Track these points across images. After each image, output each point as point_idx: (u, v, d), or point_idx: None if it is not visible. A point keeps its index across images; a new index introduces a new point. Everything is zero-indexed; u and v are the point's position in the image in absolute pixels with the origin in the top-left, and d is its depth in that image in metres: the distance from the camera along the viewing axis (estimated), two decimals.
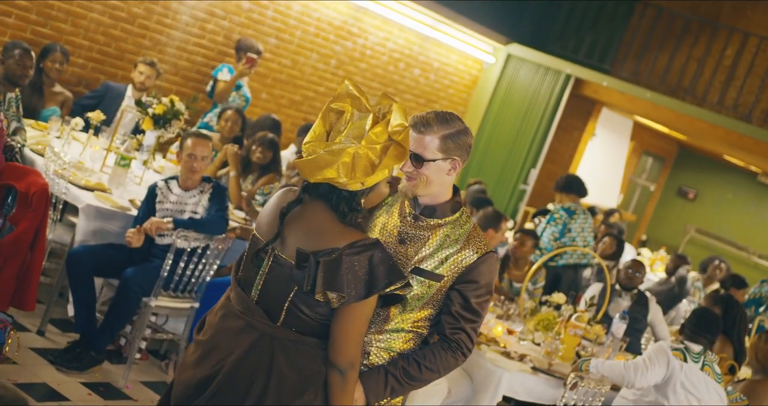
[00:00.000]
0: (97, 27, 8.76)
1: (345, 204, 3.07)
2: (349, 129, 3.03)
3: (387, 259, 3.04)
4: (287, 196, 3.17)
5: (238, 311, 3.12)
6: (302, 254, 2.99)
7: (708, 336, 6.00)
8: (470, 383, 5.86)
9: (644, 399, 5.95)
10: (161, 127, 6.97)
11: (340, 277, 2.96)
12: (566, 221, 9.06)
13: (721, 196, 17.89)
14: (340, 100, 3.07)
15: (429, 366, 3.21)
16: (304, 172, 3.04)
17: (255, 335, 3.07)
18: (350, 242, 2.99)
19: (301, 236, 3.04)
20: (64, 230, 6.22)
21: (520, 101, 12.93)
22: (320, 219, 3.06)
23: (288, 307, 3.05)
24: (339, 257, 2.96)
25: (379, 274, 3.00)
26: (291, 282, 3.03)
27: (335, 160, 2.99)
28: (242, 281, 3.17)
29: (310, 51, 10.85)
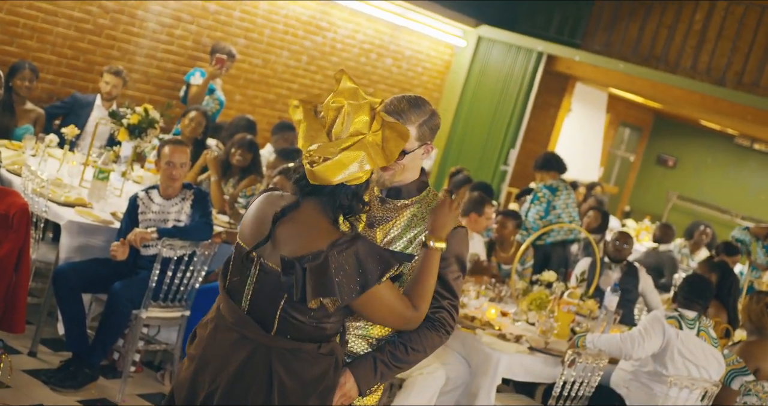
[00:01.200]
0: (63, 41, 8.71)
1: (354, 199, 3.02)
2: (349, 123, 2.97)
3: (373, 249, 2.98)
4: (277, 201, 3.07)
5: (229, 323, 3.05)
6: (287, 262, 2.92)
7: (701, 302, 6.03)
8: (468, 369, 5.86)
9: (643, 370, 5.97)
10: (137, 137, 6.92)
11: (330, 280, 2.90)
12: (550, 199, 9.07)
13: (700, 162, 17.96)
14: (339, 96, 3.01)
15: (415, 347, 3.19)
16: (327, 175, 2.93)
17: (250, 346, 3.00)
18: (332, 242, 2.93)
19: (289, 240, 2.97)
20: (48, 249, 6.19)
21: (495, 83, 12.92)
22: (312, 221, 2.99)
23: (280, 315, 2.98)
24: (325, 259, 2.90)
25: (369, 266, 2.95)
26: (280, 290, 2.96)
27: (358, 156, 2.93)
28: (231, 291, 3.10)
29: (281, 49, 10.82)
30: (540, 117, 13.72)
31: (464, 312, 6.30)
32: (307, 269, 2.91)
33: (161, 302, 5.68)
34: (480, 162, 12.80)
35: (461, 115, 13.08)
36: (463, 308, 6.43)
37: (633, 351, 5.80)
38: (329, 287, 2.91)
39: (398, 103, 3.22)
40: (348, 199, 3.01)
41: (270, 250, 2.99)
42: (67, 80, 8.83)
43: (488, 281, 6.93)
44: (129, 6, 9.12)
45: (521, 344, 5.95)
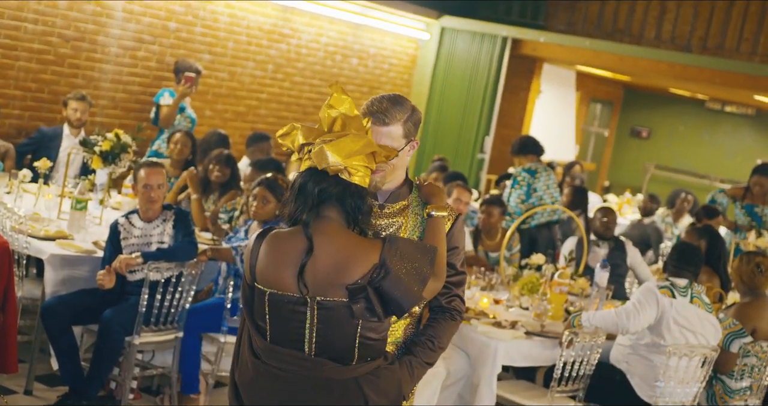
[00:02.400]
0: (26, 75, 8.66)
1: (361, 202, 3.01)
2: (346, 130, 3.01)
3: (410, 243, 3.02)
4: (287, 237, 3.01)
5: (295, 372, 2.97)
6: (357, 289, 2.91)
7: (691, 269, 6.04)
8: (467, 360, 5.85)
9: (641, 343, 5.99)
10: (111, 163, 6.89)
11: (405, 287, 2.92)
12: (530, 182, 9.08)
13: (673, 130, 18.02)
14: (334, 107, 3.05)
15: (441, 340, 3.25)
16: (337, 151, 2.94)
17: (337, 386, 2.97)
18: (381, 251, 2.94)
19: (333, 271, 2.94)
20: (33, 285, 6.15)
21: (462, 72, 12.92)
22: (346, 241, 2.97)
23: (359, 342, 2.96)
24: (387, 270, 2.91)
25: (419, 260, 2.98)
26: (352, 319, 2.93)
27: (362, 140, 2.96)
28: (279, 341, 3.00)
29: (246, 60, 10.79)
30: (511, 101, 13.73)
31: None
32: (379, 287, 2.91)
33: (153, 326, 5.65)
34: (456, 152, 12.80)
35: (433, 108, 13.08)
36: None
37: (629, 325, 5.82)
38: (409, 293, 2.93)
39: (379, 103, 3.23)
40: (356, 201, 3.01)
41: (319, 285, 2.95)
42: (34, 113, 8.79)
43: (477, 271, 6.93)
44: (89, 33, 9.08)
45: (517, 329, 5.96)
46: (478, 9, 13.56)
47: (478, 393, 5.70)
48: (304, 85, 11.56)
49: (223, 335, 5.90)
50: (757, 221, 9.53)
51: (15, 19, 8.48)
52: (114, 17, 9.27)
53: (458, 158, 12.73)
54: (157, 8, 9.64)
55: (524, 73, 13.84)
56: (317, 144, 2.98)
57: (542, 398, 5.83)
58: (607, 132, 17.66)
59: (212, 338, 6.00)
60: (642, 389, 5.92)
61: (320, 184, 2.98)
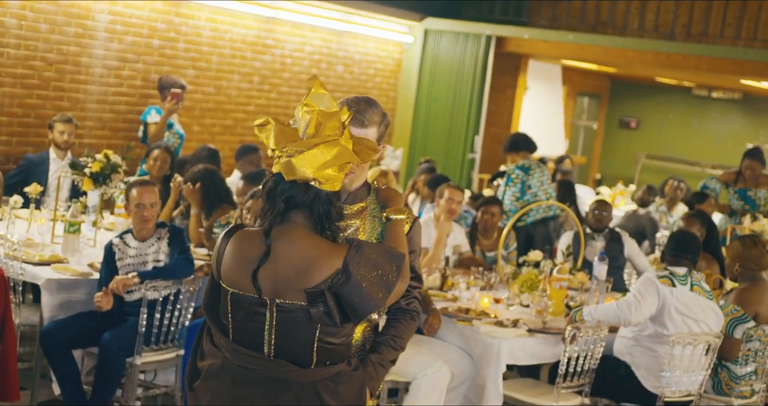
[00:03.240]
0: (11, 100, 8.63)
1: (330, 207, 3.00)
2: (322, 129, 2.96)
3: (378, 248, 3.01)
4: (252, 237, 3.00)
5: (254, 373, 2.97)
6: (314, 293, 2.90)
7: (689, 256, 6.03)
8: (471, 361, 5.84)
9: (644, 334, 5.98)
10: (102, 184, 6.86)
11: (365, 294, 2.91)
12: (524, 179, 9.07)
13: (662, 119, 18.04)
14: (311, 102, 3.02)
15: (403, 342, 3.27)
16: (304, 166, 2.91)
17: (294, 388, 2.96)
18: (345, 257, 2.93)
19: (294, 275, 2.93)
20: (30, 311, 6.11)
21: (448, 73, 12.91)
22: (305, 248, 2.95)
23: (318, 347, 2.96)
24: (349, 276, 2.90)
25: (385, 266, 2.97)
26: (311, 323, 2.92)
27: (333, 150, 2.92)
28: (242, 340, 3.01)
29: (231, 73, 10.77)
30: (498, 100, 13.73)
31: (457, 305, 6.28)
32: (338, 292, 2.90)
33: (154, 345, 5.62)
34: (446, 153, 12.79)
35: (420, 111, 13.07)
36: (455, 302, 6.42)
37: (631, 316, 5.81)
38: (368, 300, 2.91)
39: (357, 104, 3.23)
40: (325, 208, 2.99)
41: (279, 288, 2.94)
42: (21, 139, 8.75)
43: (476, 271, 6.91)
44: (72, 54, 9.05)
45: (519, 327, 5.94)
46: (461, 9, 13.56)
47: (484, 394, 5.68)
48: (291, 95, 11.54)
49: None
50: (751, 204, 9.53)
51: None
52: (96, 38, 9.24)
53: (449, 159, 12.72)
54: (139, 26, 9.62)
55: (510, 71, 13.84)
56: (285, 155, 2.95)
57: (548, 395, 5.81)
58: (595, 125, 17.68)
59: None
60: (648, 380, 5.91)
61: (289, 191, 2.97)
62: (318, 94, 3.03)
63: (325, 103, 3.01)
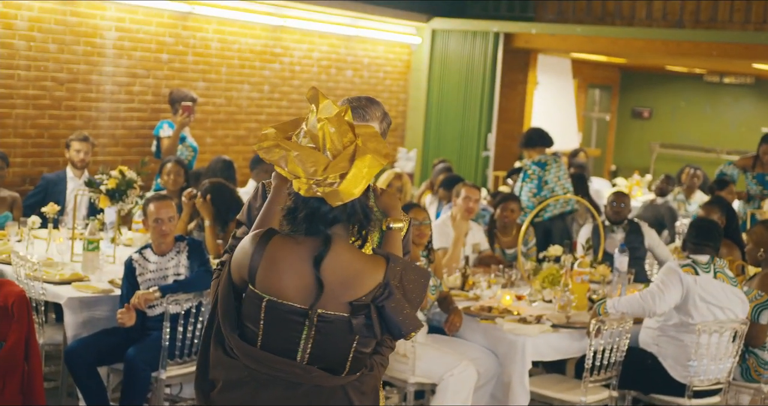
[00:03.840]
0: (24, 121, 8.67)
1: (367, 209, 3.00)
2: (338, 136, 2.92)
3: (407, 264, 3.02)
4: (293, 246, 2.95)
5: (284, 377, 2.95)
6: (360, 306, 2.92)
7: (711, 244, 6.00)
8: (496, 360, 5.82)
9: (669, 323, 5.94)
10: (118, 200, 6.87)
11: (406, 311, 2.93)
12: (540, 174, 9.03)
13: (674, 107, 17.95)
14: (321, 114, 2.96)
15: (392, 342, 3.24)
16: (350, 190, 2.88)
17: (325, 393, 2.97)
18: (385, 271, 2.94)
19: (339, 287, 2.93)
20: (54, 330, 6.12)
21: (458, 72, 12.88)
22: (350, 260, 2.95)
23: (353, 356, 2.98)
24: (391, 292, 2.92)
25: (413, 280, 2.99)
26: (350, 334, 2.94)
27: (367, 160, 2.90)
28: (271, 347, 2.97)
29: (241, 84, 10.79)
30: (509, 96, 13.69)
31: (479, 304, 6.27)
32: (383, 307, 2.91)
33: (178, 358, 5.63)
34: (460, 152, 12.77)
35: (432, 111, 13.05)
36: (477, 300, 6.40)
37: (655, 307, 5.77)
38: (409, 317, 2.93)
39: (357, 101, 3.25)
40: (363, 212, 2.99)
41: (323, 298, 2.93)
42: (36, 160, 8.79)
43: (496, 269, 6.89)
44: (82, 73, 9.09)
45: (543, 323, 5.92)
46: (467, 8, 13.54)
47: (511, 392, 5.66)
48: (302, 102, 11.54)
49: None
50: None
51: (7, 67, 8.50)
52: (105, 55, 9.28)
53: (463, 158, 12.70)
54: (147, 42, 9.65)
55: (519, 67, 13.80)
56: (326, 183, 2.89)
57: (576, 389, 5.78)
58: (608, 116, 17.61)
59: None
60: (675, 370, 5.87)
61: (331, 213, 2.95)
62: (325, 106, 2.97)
63: (329, 110, 2.97)
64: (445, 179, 9.06)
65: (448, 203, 8.44)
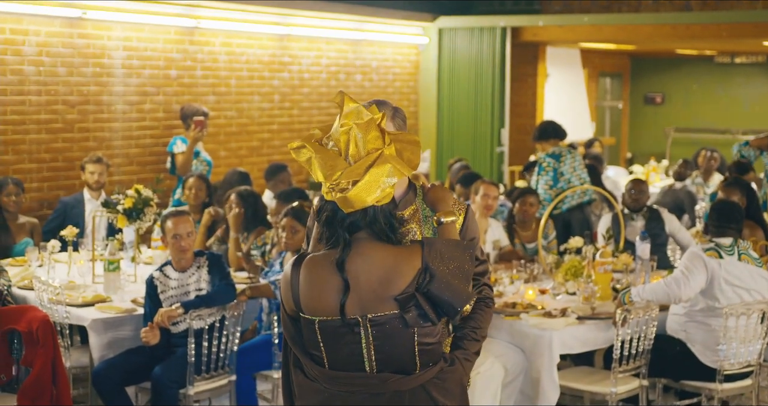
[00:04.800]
0: (38, 146, 8.70)
1: (392, 218, 3.00)
2: (363, 143, 2.91)
3: (447, 242, 3.00)
4: (322, 262, 2.96)
5: (363, 391, 2.95)
6: (406, 298, 2.90)
7: (734, 226, 5.95)
8: (523, 355, 5.79)
9: (695, 309, 5.90)
10: (136, 219, 6.89)
11: (454, 288, 2.92)
12: (555, 167, 8.98)
13: (686, 91, 17.85)
14: (345, 119, 2.95)
15: (483, 332, 3.28)
16: (361, 197, 2.88)
17: (407, 396, 2.96)
18: (422, 257, 2.93)
19: (379, 286, 2.92)
20: (80, 353, 6.14)
21: (467, 70, 12.85)
22: (381, 257, 2.94)
23: (419, 350, 2.96)
24: (433, 275, 2.90)
25: (459, 257, 2.97)
26: (407, 329, 2.92)
27: (385, 170, 2.89)
28: (339, 366, 2.97)
29: (251, 95, 10.80)
30: (520, 90, 13.65)
31: (503, 300, 6.23)
32: (428, 292, 2.90)
33: (205, 374, 5.62)
34: (474, 150, 12.73)
35: (444, 110, 13.02)
36: (500, 297, 6.36)
37: (681, 293, 5.73)
38: (458, 293, 2.92)
39: (368, 106, 3.21)
40: (386, 221, 2.98)
41: (367, 304, 2.92)
42: (52, 184, 8.83)
43: (518, 265, 6.86)
44: (92, 94, 9.12)
45: (568, 316, 5.89)
46: (472, 5, 13.50)
47: (540, 387, 5.62)
48: (313, 110, 11.55)
49: (276, 371, 5.87)
50: None
51: (18, 93, 8.54)
52: (114, 75, 9.31)
53: (477, 155, 12.66)
54: (155, 59, 9.67)
55: (529, 60, 13.76)
56: (338, 188, 2.89)
57: (606, 380, 5.74)
58: (621, 104, 17.54)
59: (265, 376, 5.97)
60: (705, 355, 5.83)
61: (349, 219, 2.95)
62: (350, 109, 2.96)
63: (358, 115, 2.95)
64: (462, 177, 9.04)
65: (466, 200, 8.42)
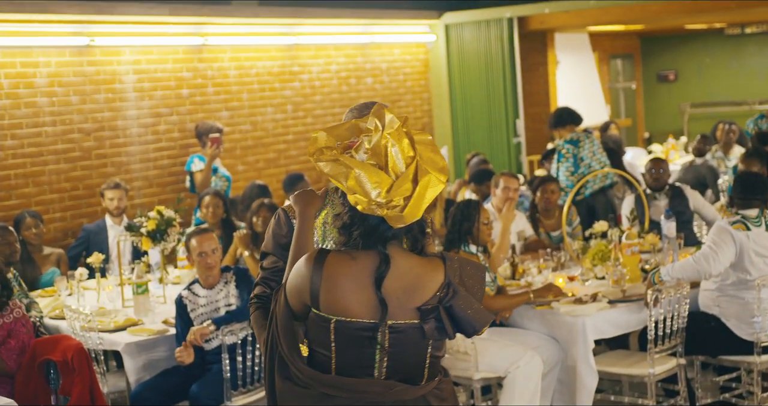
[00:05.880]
0: (57, 176, 8.76)
1: (421, 229, 2.98)
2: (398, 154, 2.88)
3: (461, 259, 3.01)
4: (349, 262, 2.91)
5: (366, 401, 2.91)
6: (429, 310, 2.89)
7: (759, 197, 5.92)
8: (557, 345, 5.76)
9: (727, 283, 5.86)
10: (160, 240, 6.91)
11: (474, 307, 2.92)
12: (575, 152, 8.94)
13: (699, 65, 17.72)
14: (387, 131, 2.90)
15: None
16: (414, 212, 2.85)
17: (408, 404, 2.94)
18: (445, 272, 2.93)
19: (403, 294, 2.90)
20: (116, 377, 6.17)
21: (477, 64, 12.81)
22: (409, 266, 2.93)
23: (429, 362, 2.96)
24: (456, 291, 2.90)
25: (472, 274, 3.00)
26: (423, 340, 2.91)
27: (429, 180, 2.87)
28: (346, 370, 2.92)
29: (264, 107, 10.82)
30: (532, 79, 13.60)
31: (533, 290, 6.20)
32: (451, 307, 2.89)
33: (242, 388, 5.63)
34: (491, 142, 12.69)
35: (457, 106, 12.99)
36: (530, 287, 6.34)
37: (711, 268, 5.69)
38: (479, 312, 2.92)
39: (366, 108, 3.26)
40: (420, 229, 2.98)
41: (390, 309, 2.89)
42: (75, 212, 8.88)
43: (544, 254, 6.83)
44: (107, 120, 9.18)
45: (600, 301, 5.86)
46: None
47: (577, 374, 5.60)
48: (327, 116, 11.56)
49: None
50: None
51: (34, 125, 8.60)
52: (127, 99, 9.36)
53: (494, 148, 12.62)
54: (166, 80, 9.72)
55: (538, 48, 13.71)
56: (390, 205, 2.85)
57: (642, 362, 5.71)
58: (634, 84, 17.45)
59: None
60: (740, 328, 5.79)
61: (389, 232, 2.92)
62: (390, 122, 2.89)
63: (393, 125, 2.89)
64: (475, 175, 9.01)
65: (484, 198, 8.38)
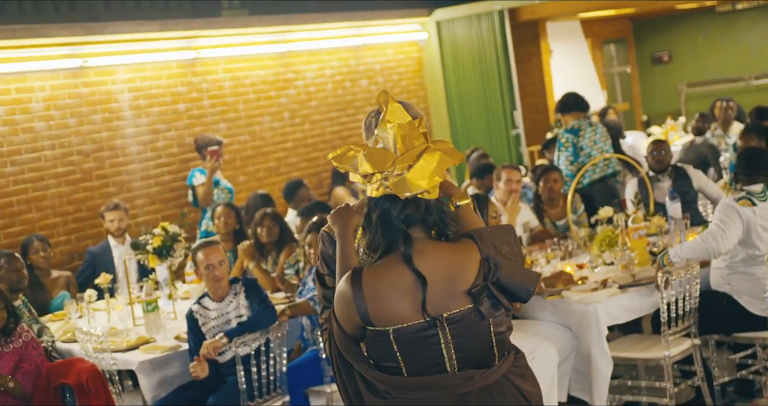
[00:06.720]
0: (60, 200, 8.76)
1: (441, 214, 2.98)
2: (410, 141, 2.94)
3: (488, 229, 3.03)
4: (384, 272, 2.93)
5: (451, 393, 2.91)
6: (479, 290, 2.90)
7: (763, 172, 5.91)
8: (570, 333, 5.75)
9: (736, 260, 5.85)
10: (167, 256, 6.91)
11: (520, 271, 2.94)
12: (574, 141, 8.88)
13: (692, 45, 17.66)
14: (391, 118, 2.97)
15: None
16: (417, 179, 2.88)
17: (494, 390, 2.94)
18: (480, 247, 2.94)
19: (448, 284, 2.91)
20: (132, 396, 6.18)
21: (471, 58, 12.79)
22: (443, 254, 2.94)
23: (496, 340, 2.96)
24: (497, 263, 2.91)
25: (504, 239, 3.00)
26: (482, 321, 2.92)
27: (436, 156, 2.91)
28: (418, 372, 2.93)
29: (261, 116, 10.81)
30: (527, 70, 13.57)
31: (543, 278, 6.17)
32: (498, 280, 2.91)
33: (258, 398, 5.64)
34: (490, 136, 12.67)
35: (454, 102, 12.98)
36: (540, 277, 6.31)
37: (719, 246, 5.68)
38: (526, 274, 2.95)
39: (377, 114, 3.23)
40: (439, 215, 2.98)
41: (439, 302, 2.91)
42: (79, 234, 8.88)
43: (551, 243, 6.81)
44: (105, 140, 9.18)
45: (610, 287, 5.85)
46: None
47: (592, 361, 5.58)
48: (325, 121, 11.55)
49: (327, 386, 5.87)
50: None
51: (32, 150, 8.61)
52: (124, 118, 9.36)
53: (494, 141, 12.60)
54: (161, 96, 9.71)
55: (530, 39, 13.69)
56: (393, 175, 2.91)
57: (657, 345, 5.69)
58: (629, 68, 17.41)
59: (317, 392, 5.98)
60: (753, 304, 5.77)
61: (404, 211, 2.94)
62: (394, 108, 2.98)
63: (400, 116, 2.98)
64: (475, 170, 8.99)
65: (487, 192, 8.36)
